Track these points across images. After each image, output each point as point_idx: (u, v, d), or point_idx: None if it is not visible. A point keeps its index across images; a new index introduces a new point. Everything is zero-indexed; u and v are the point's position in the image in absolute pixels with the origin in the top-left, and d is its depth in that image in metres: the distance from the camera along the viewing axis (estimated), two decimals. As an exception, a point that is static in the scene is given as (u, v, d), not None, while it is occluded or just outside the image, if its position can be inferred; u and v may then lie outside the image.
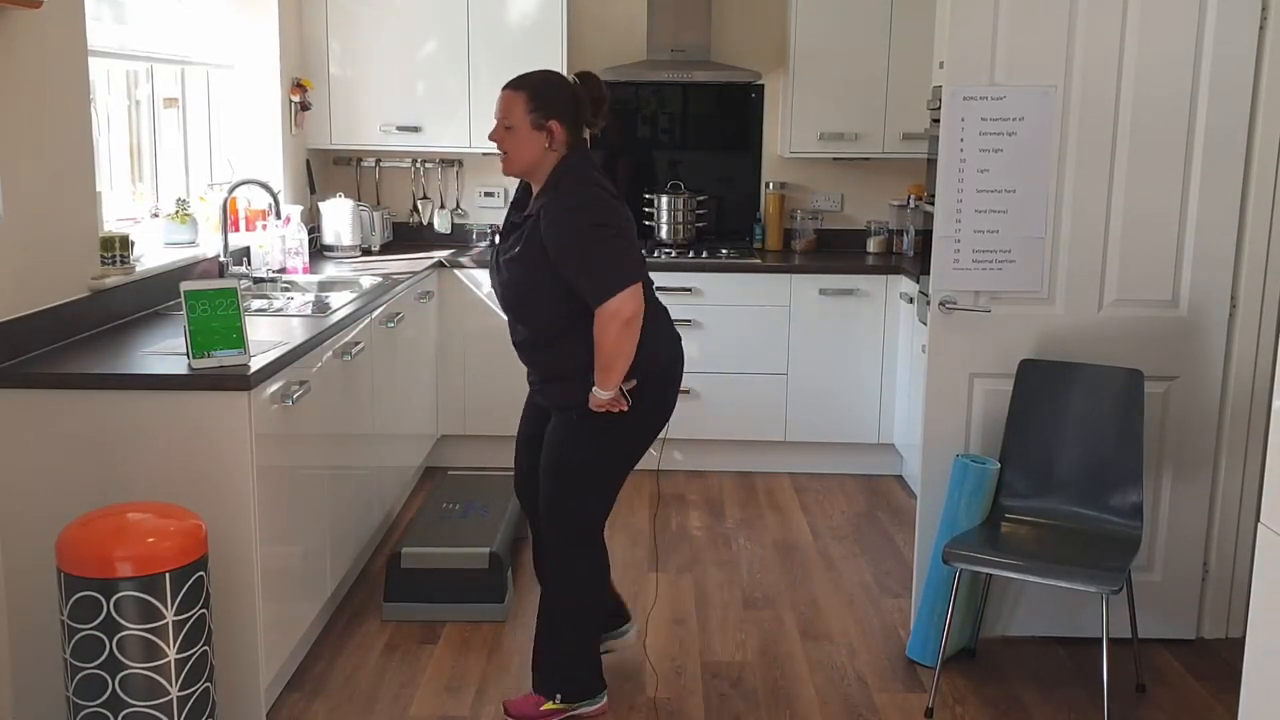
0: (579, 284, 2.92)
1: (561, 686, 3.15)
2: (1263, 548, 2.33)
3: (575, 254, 2.91)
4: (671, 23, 5.42)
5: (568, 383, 3.04)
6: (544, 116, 2.94)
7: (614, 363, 2.93)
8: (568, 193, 2.95)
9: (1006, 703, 3.32)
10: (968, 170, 3.42)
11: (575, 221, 2.92)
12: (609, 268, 2.90)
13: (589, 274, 2.90)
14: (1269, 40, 3.37)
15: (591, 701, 3.18)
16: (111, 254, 3.45)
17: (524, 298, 3.03)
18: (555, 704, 3.14)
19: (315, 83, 5.32)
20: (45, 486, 2.87)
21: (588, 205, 2.95)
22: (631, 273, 2.92)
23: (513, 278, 3.02)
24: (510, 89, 2.97)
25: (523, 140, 2.95)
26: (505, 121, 2.96)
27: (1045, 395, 3.45)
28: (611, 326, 2.89)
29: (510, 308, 3.09)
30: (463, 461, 5.34)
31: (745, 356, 5.27)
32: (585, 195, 2.96)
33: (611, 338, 2.89)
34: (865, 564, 4.35)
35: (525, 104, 2.94)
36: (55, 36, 3.14)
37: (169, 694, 2.58)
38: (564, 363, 3.04)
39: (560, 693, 3.15)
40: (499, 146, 3.00)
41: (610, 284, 2.88)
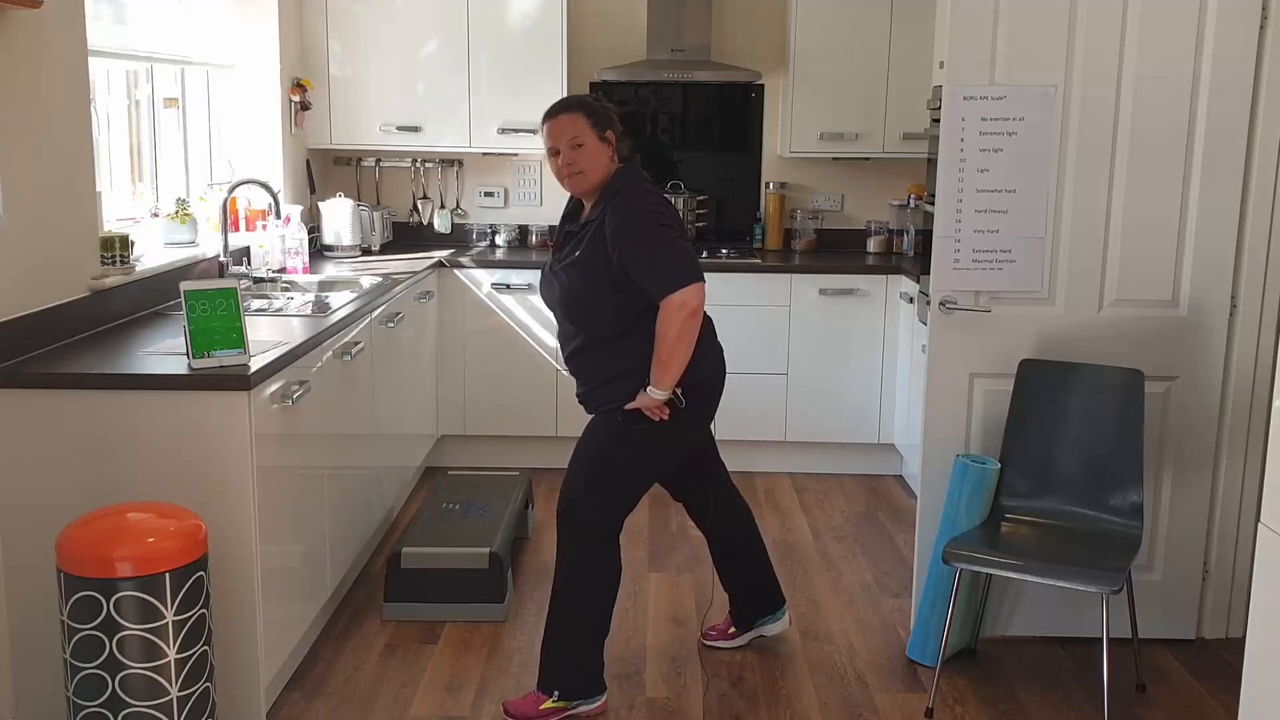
0: (646, 279, 2.98)
1: (560, 684, 3.16)
2: (1263, 548, 2.33)
3: (645, 249, 2.99)
4: (671, 23, 5.43)
5: (613, 385, 3.09)
6: (603, 129, 3.07)
7: (673, 358, 2.98)
8: (632, 196, 3.06)
9: (1006, 703, 3.32)
10: (968, 170, 3.42)
11: (646, 220, 3.03)
12: (678, 262, 2.99)
13: (658, 267, 2.98)
14: (1269, 40, 3.37)
15: (589, 701, 3.19)
16: (111, 254, 3.45)
17: (582, 301, 3.08)
18: (553, 702, 3.15)
19: (315, 83, 5.32)
20: (45, 486, 2.87)
21: (656, 207, 3.08)
22: (698, 271, 3.01)
23: (571, 282, 3.08)
24: (565, 113, 3.08)
25: (595, 154, 3.06)
26: (575, 140, 3.05)
27: (1045, 395, 3.45)
28: (677, 317, 2.95)
29: (567, 313, 3.13)
30: (463, 461, 5.34)
31: (745, 356, 5.25)
32: (651, 199, 3.10)
33: (675, 329, 2.95)
34: (865, 564, 4.35)
35: (586, 120, 3.06)
36: (55, 36, 3.14)
37: (169, 694, 2.58)
38: (613, 368, 3.09)
39: (558, 690, 3.15)
40: (571, 169, 3.06)
41: (679, 277, 2.96)
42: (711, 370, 3.21)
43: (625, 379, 3.07)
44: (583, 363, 3.16)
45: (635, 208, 3.04)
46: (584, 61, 5.59)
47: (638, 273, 2.98)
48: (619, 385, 3.08)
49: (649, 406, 3.03)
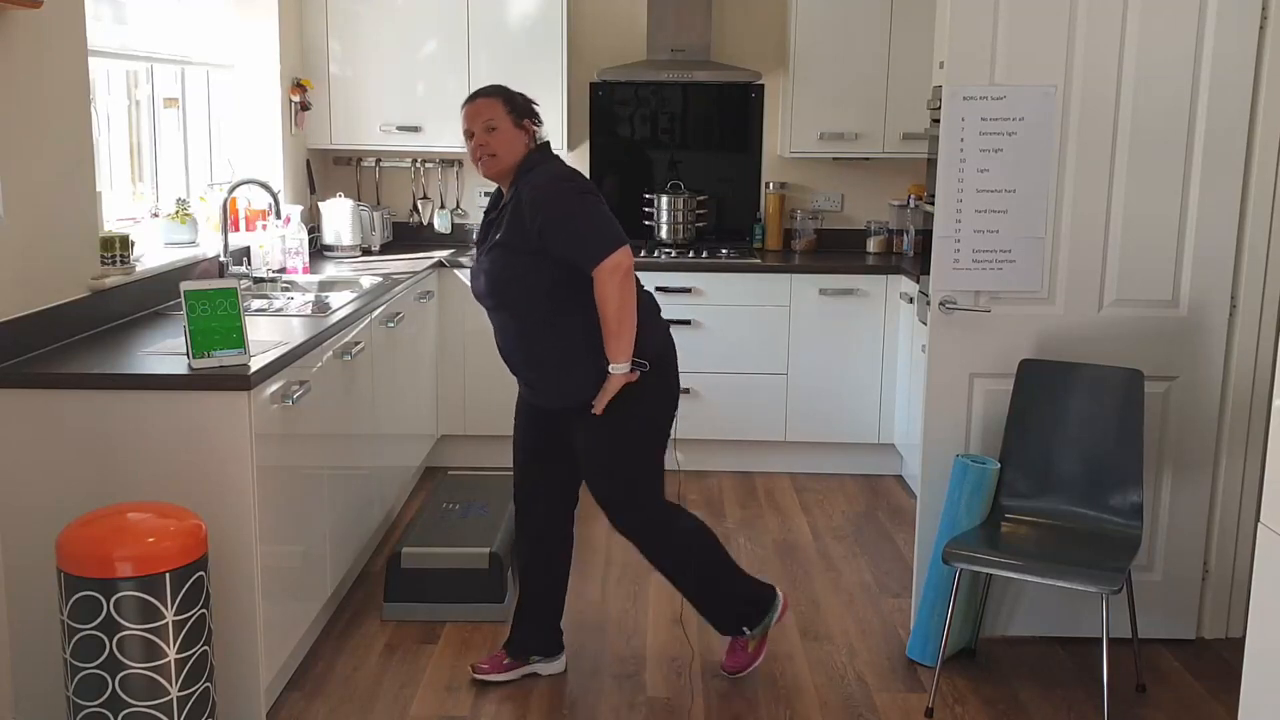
0: (571, 251, 3.00)
1: (744, 621, 3.37)
2: (1263, 548, 2.33)
3: (566, 220, 3.02)
4: (671, 23, 5.42)
5: (572, 373, 3.09)
6: (520, 117, 3.13)
7: (621, 324, 3.01)
8: (545, 170, 3.10)
9: (1006, 703, 3.32)
10: (968, 170, 3.42)
11: (562, 190, 3.07)
12: (602, 229, 3.03)
13: (582, 237, 3.01)
14: (1269, 41, 3.37)
15: (773, 610, 3.41)
16: (111, 254, 3.45)
17: (510, 282, 3.07)
18: (753, 636, 3.39)
19: (315, 83, 5.32)
20: (45, 486, 2.87)
21: (570, 176, 3.14)
22: (621, 234, 3.05)
23: (496, 265, 3.08)
24: (482, 98, 3.16)
25: (509, 137, 3.11)
26: (489, 123, 3.10)
27: (1045, 395, 3.45)
28: (612, 281, 2.98)
29: (498, 298, 3.12)
30: (463, 461, 5.34)
31: (745, 356, 5.27)
32: (564, 169, 3.15)
33: (615, 293, 2.98)
34: (865, 564, 4.35)
35: (503, 106, 3.13)
36: (55, 36, 3.14)
37: (169, 694, 2.58)
38: (560, 351, 3.09)
39: (746, 625, 3.37)
40: (484, 151, 3.10)
41: (605, 243, 3.00)
42: (664, 337, 3.23)
43: (575, 364, 3.07)
44: (525, 350, 3.15)
45: (552, 177, 3.08)
46: (584, 61, 5.59)
47: (561, 246, 3.00)
48: (572, 373, 3.09)
49: (618, 387, 3.05)
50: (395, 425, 4.54)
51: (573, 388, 3.11)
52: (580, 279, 3.01)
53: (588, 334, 3.05)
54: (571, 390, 3.11)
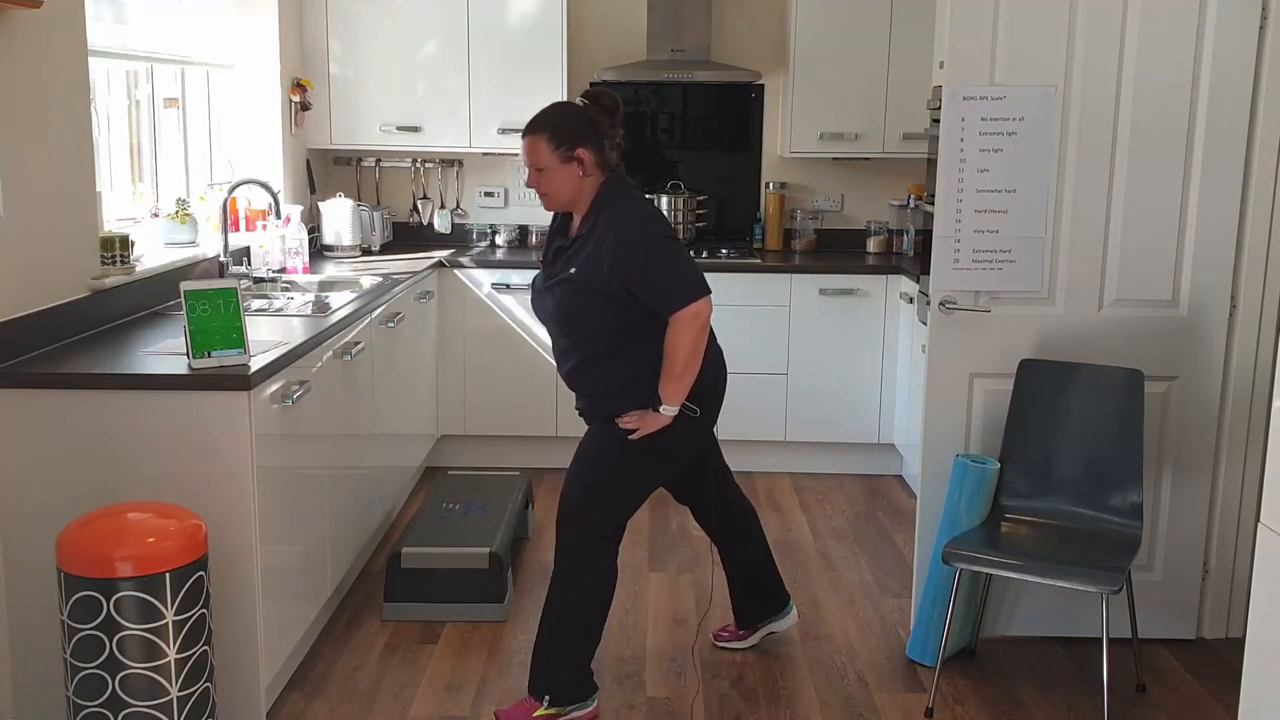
0: (653, 295, 2.96)
1: (551, 689, 3.13)
2: (1263, 548, 2.33)
3: (652, 265, 2.97)
4: (671, 23, 5.43)
5: (614, 398, 3.08)
6: (570, 148, 3.01)
7: (687, 370, 2.98)
8: (625, 210, 3.03)
9: (1006, 703, 3.32)
10: (968, 170, 3.42)
11: (648, 235, 3.00)
12: (686, 277, 2.99)
13: (668, 282, 2.97)
14: (1269, 41, 3.37)
15: (582, 706, 3.16)
16: (111, 254, 3.45)
17: (578, 318, 3.05)
18: (545, 709, 3.12)
19: (315, 83, 5.32)
20: (45, 486, 2.87)
21: (654, 220, 3.08)
22: (705, 283, 3.00)
23: (566, 301, 3.04)
24: (530, 135, 3.04)
25: (558, 177, 3.02)
26: (535, 165, 3.02)
27: (1045, 395, 3.45)
28: (690, 328, 2.94)
29: (564, 329, 3.10)
30: (463, 461, 5.34)
31: (745, 356, 5.25)
32: (645, 211, 3.09)
33: (690, 341, 2.95)
34: (865, 564, 4.35)
35: (548, 144, 3.01)
36: (55, 36, 3.14)
37: (169, 694, 2.58)
38: (613, 381, 3.08)
39: (549, 695, 3.13)
40: (538, 190, 3.06)
41: (689, 292, 2.95)
42: (716, 375, 3.20)
43: (627, 391, 3.06)
44: (581, 378, 3.14)
45: (635, 221, 3.01)
46: (584, 61, 5.59)
47: (645, 292, 2.96)
48: (621, 398, 3.07)
49: (660, 425, 3.02)
50: (395, 425, 4.54)
51: (618, 410, 3.07)
52: (648, 319, 2.99)
53: (646, 374, 3.01)
54: (618, 411, 3.07)
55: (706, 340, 3.03)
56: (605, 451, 3.13)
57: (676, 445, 3.15)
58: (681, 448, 3.19)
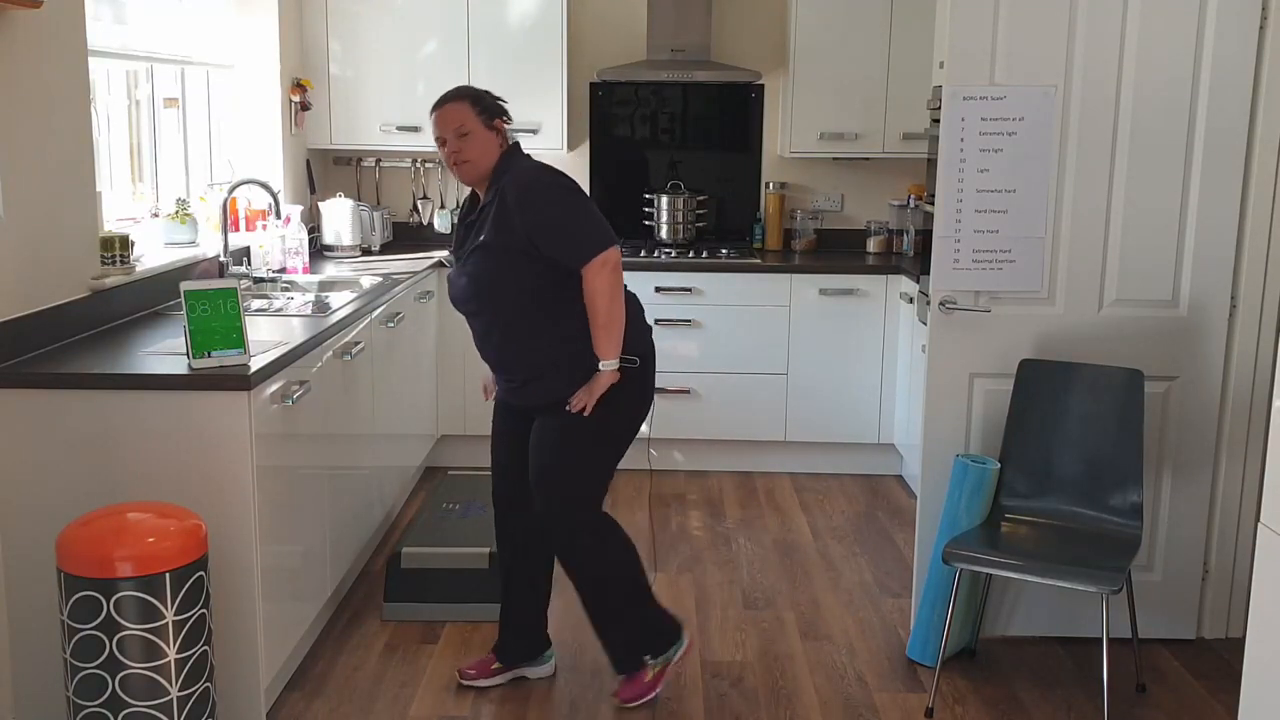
0: (562, 249, 2.99)
1: (648, 649, 3.24)
2: (1263, 548, 2.33)
3: (556, 218, 3.01)
4: (671, 23, 5.42)
5: (550, 379, 3.07)
6: (490, 116, 3.07)
7: (612, 317, 3.00)
8: (525, 168, 3.08)
9: (1006, 703, 3.32)
10: (968, 170, 3.42)
11: (549, 189, 3.05)
12: (592, 227, 3.02)
13: (573, 235, 3.00)
14: (1269, 40, 3.37)
15: (678, 645, 3.28)
16: (111, 254, 3.45)
17: (495, 284, 3.04)
18: (654, 665, 3.24)
19: (315, 83, 5.32)
20: (45, 486, 2.87)
21: (553, 174, 3.09)
22: (610, 230, 3.04)
23: (481, 266, 3.04)
24: (450, 103, 3.08)
25: (481, 142, 3.05)
26: (461, 130, 3.04)
27: (1045, 395, 3.45)
28: (602, 276, 2.97)
29: (482, 300, 3.08)
30: (463, 461, 5.34)
31: (745, 356, 5.27)
32: (543, 167, 3.11)
33: (605, 288, 2.97)
34: (865, 564, 4.35)
35: (471, 109, 3.06)
36: (55, 36, 3.14)
37: (169, 694, 2.58)
38: (542, 355, 3.07)
39: (649, 653, 3.23)
40: (458, 157, 3.06)
41: (597, 241, 2.99)
42: (649, 339, 3.21)
43: (562, 364, 3.05)
44: (510, 352, 3.12)
45: (536, 177, 3.06)
46: (584, 61, 5.59)
47: (552, 244, 2.98)
48: (558, 373, 3.06)
49: (606, 385, 3.02)
50: (395, 425, 4.54)
51: (559, 386, 3.06)
52: (566, 279, 3.00)
53: (573, 334, 3.03)
54: (558, 389, 3.06)
55: (622, 288, 3.04)
56: (562, 440, 3.10)
57: (629, 399, 3.13)
58: (634, 400, 3.17)
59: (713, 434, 5.32)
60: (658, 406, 3.25)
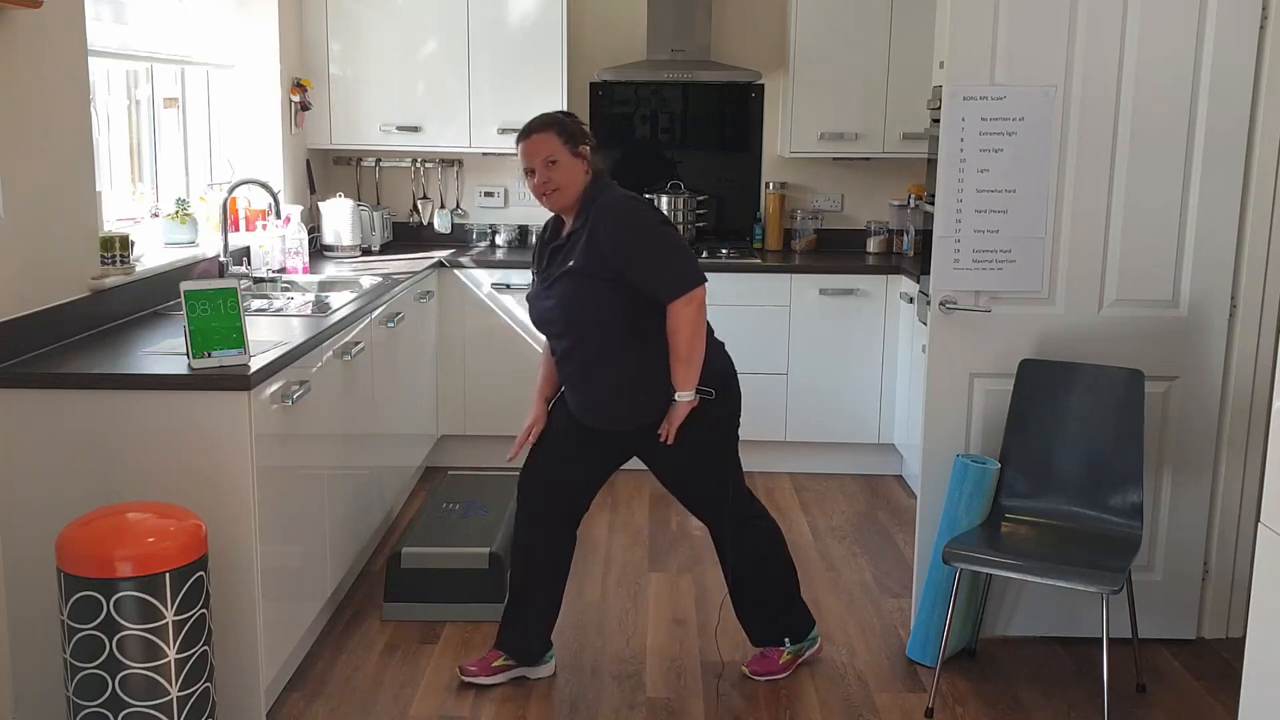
0: (654, 284, 3.02)
1: (789, 631, 3.42)
2: (1263, 548, 2.33)
3: (648, 250, 3.05)
4: (671, 23, 5.42)
5: (634, 400, 3.12)
6: (576, 144, 3.09)
7: (693, 350, 3.04)
8: (617, 199, 3.11)
9: (1006, 703, 3.32)
10: (968, 170, 3.42)
11: (643, 221, 3.09)
12: (685, 264, 3.05)
13: (665, 267, 3.03)
14: (1269, 41, 3.37)
15: (811, 641, 3.48)
16: (111, 254, 3.45)
17: (582, 309, 3.08)
18: (789, 650, 3.42)
19: (315, 83, 5.32)
20: (45, 486, 2.87)
21: (646, 207, 3.16)
22: (699, 268, 3.08)
23: (569, 292, 3.07)
24: (537, 132, 3.09)
25: (569, 169, 3.08)
26: (549, 158, 3.06)
27: (1045, 395, 3.45)
28: (687, 312, 3.01)
29: (569, 324, 3.11)
30: (463, 461, 5.34)
31: (745, 356, 5.18)
32: (635, 199, 3.16)
33: (689, 325, 3.01)
34: (865, 564, 4.35)
35: (558, 138, 3.07)
36: (55, 36, 3.14)
37: (169, 694, 2.58)
38: (625, 377, 3.11)
39: (789, 636, 3.42)
40: (547, 187, 3.08)
41: (688, 279, 3.02)
42: (726, 359, 3.27)
43: (639, 391, 3.10)
44: (590, 376, 3.15)
45: (629, 208, 3.09)
46: (584, 61, 5.59)
47: (642, 277, 3.01)
48: (634, 400, 3.11)
49: (684, 415, 3.08)
50: (395, 425, 4.54)
51: (630, 413, 3.14)
52: (651, 308, 3.03)
53: (653, 361, 3.06)
54: (628, 415, 3.14)
55: (705, 324, 3.08)
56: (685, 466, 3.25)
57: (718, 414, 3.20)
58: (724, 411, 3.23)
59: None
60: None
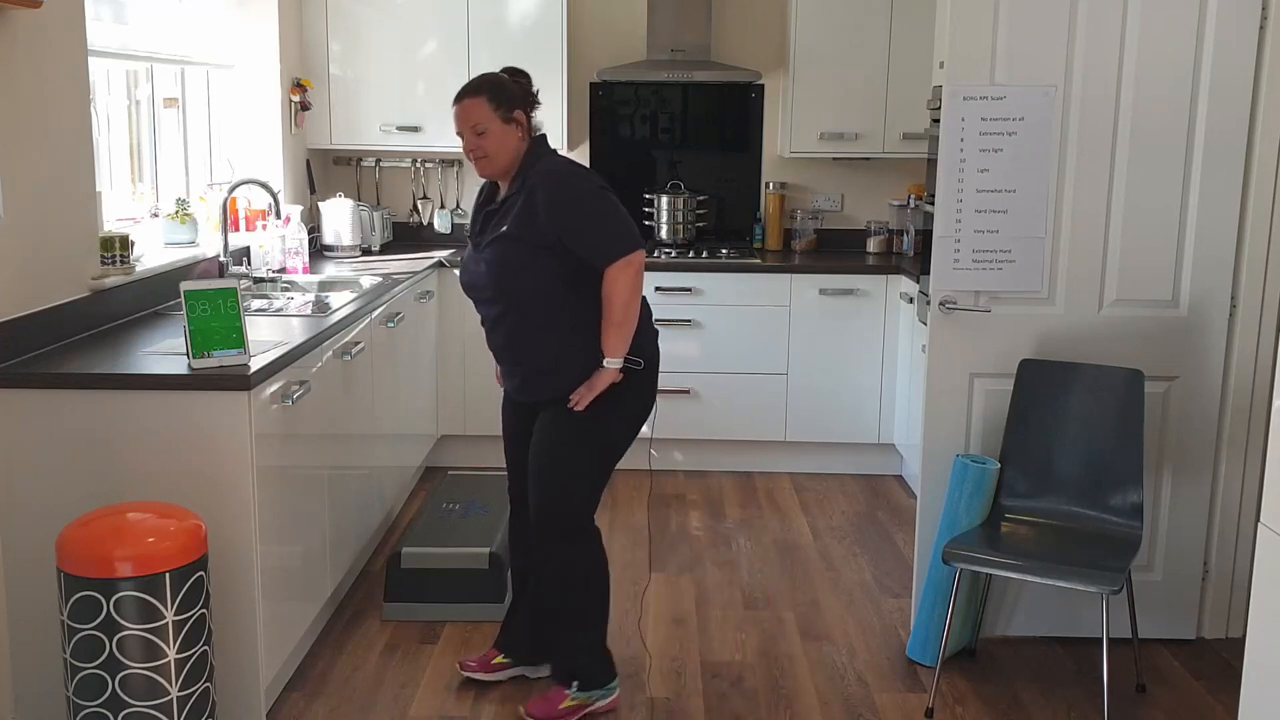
0: (591, 249, 2.98)
1: (579, 676, 3.16)
2: (1263, 548, 2.33)
3: (586, 216, 3.00)
4: (671, 23, 5.42)
5: (556, 375, 3.06)
6: (509, 110, 3.04)
7: (626, 316, 2.99)
8: (555, 164, 3.08)
9: (1006, 703, 3.32)
10: (968, 170, 3.42)
11: (580, 185, 3.05)
12: (622, 228, 3.01)
13: (602, 234, 2.99)
14: (1269, 41, 3.37)
15: (605, 693, 3.19)
16: (111, 254, 3.45)
17: (513, 274, 3.02)
18: (572, 696, 3.15)
19: (315, 83, 5.32)
20: (45, 486, 2.87)
21: (584, 173, 3.10)
22: (637, 232, 3.03)
23: (501, 256, 3.02)
24: (467, 98, 3.06)
25: (500, 137, 3.04)
26: (477, 128, 3.03)
27: (1045, 395, 3.45)
28: (624, 276, 2.96)
29: (499, 289, 3.06)
30: (463, 461, 5.34)
31: (745, 356, 5.27)
32: (570, 164, 3.12)
33: (626, 289, 2.96)
34: (865, 564, 4.35)
35: (488, 104, 3.04)
36: (55, 36, 3.14)
37: (169, 694, 2.58)
38: (550, 348, 3.06)
39: (578, 681, 3.16)
40: (476, 154, 3.06)
41: (625, 243, 2.98)
42: (655, 343, 3.19)
43: (565, 366, 3.04)
44: (519, 344, 3.10)
45: (566, 172, 3.06)
46: (584, 61, 5.59)
47: (580, 243, 2.97)
48: (560, 373, 3.05)
49: (607, 383, 3.01)
50: (395, 425, 4.54)
51: (564, 383, 3.05)
52: (584, 274, 2.99)
53: (584, 330, 3.02)
54: (562, 386, 3.05)
55: (641, 289, 3.03)
56: (560, 440, 3.08)
57: (630, 404, 3.12)
58: (634, 405, 3.15)
59: (713, 434, 5.32)
60: (658, 406, 3.24)
